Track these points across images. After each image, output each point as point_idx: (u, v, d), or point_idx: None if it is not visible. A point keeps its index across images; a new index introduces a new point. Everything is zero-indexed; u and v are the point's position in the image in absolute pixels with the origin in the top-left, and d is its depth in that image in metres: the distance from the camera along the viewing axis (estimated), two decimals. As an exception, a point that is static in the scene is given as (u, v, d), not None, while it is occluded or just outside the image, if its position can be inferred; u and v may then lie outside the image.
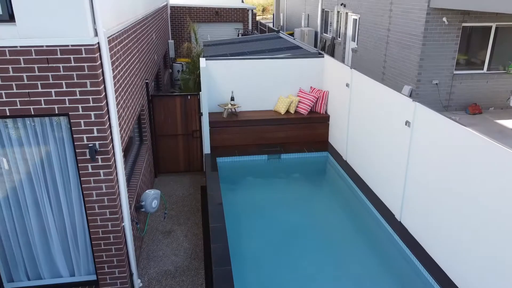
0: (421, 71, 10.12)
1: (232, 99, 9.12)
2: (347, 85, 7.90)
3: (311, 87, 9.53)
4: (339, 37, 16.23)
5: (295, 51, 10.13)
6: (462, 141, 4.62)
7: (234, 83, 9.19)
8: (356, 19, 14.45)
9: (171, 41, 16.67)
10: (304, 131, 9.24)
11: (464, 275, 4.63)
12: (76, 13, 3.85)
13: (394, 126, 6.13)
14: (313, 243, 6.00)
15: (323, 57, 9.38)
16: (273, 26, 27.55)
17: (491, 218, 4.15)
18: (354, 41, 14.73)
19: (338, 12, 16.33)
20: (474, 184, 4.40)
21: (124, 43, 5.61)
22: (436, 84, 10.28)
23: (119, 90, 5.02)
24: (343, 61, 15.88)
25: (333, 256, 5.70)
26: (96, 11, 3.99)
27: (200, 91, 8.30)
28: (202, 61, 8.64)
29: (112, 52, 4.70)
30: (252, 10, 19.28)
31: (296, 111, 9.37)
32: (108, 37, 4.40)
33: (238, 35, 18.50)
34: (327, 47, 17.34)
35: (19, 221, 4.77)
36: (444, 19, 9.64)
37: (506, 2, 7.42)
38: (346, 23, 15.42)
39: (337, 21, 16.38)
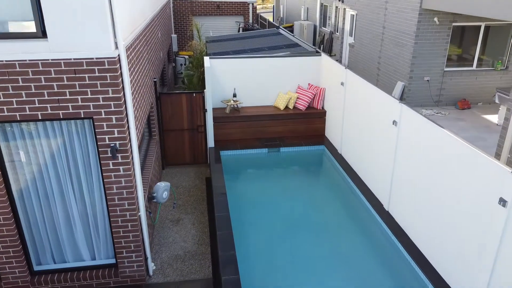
0: (413, 68, 10.62)
1: (235, 95, 9.64)
2: (342, 84, 8.41)
3: (309, 84, 10.02)
4: (337, 32, 16.63)
5: (294, 49, 10.60)
6: (439, 141, 5.16)
7: (236, 80, 9.70)
8: (353, 15, 14.85)
9: (174, 35, 17.07)
10: (302, 125, 9.77)
11: (438, 258, 5.22)
12: (99, 31, 4.37)
13: (383, 125, 6.66)
14: (310, 229, 6.59)
15: (320, 55, 9.87)
16: (273, 19, 27.87)
17: (463, 208, 4.71)
18: (352, 36, 15.16)
19: (336, 7, 16.71)
20: (449, 178, 4.96)
21: (137, 49, 6.12)
22: (428, 80, 10.78)
23: (134, 93, 5.55)
24: (341, 55, 16.32)
25: (327, 241, 6.29)
26: (116, 28, 4.50)
27: (204, 87, 8.80)
28: (207, 60, 9.13)
29: (128, 59, 5.21)
30: (252, 4, 19.64)
31: (294, 107, 9.88)
32: (125, 47, 4.92)
33: (239, 29, 18.89)
34: (325, 41, 17.75)
35: (47, 211, 5.35)
36: (435, 19, 10.10)
37: (490, 8, 7.90)
38: (344, 18, 15.81)
39: (335, 16, 16.77)
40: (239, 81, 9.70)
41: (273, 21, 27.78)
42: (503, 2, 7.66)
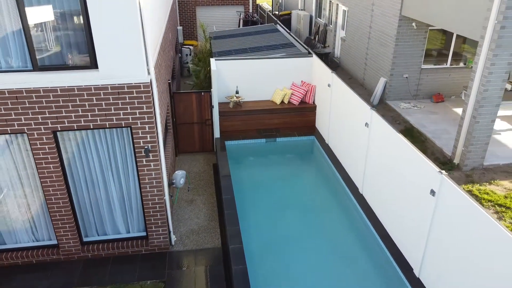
0: (394, 66, 11.90)
1: (237, 92, 10.99)
2: (329, 85, 9.75)
3: (302, 81, 11.35)
4: (331, 24, 17.73)
5: (289, 49, 11.86)
6: (395, 144, 6.56)
7: (239, 79, 11.02)
8: (345, 11, 15.94)
9: (179, 28, 18.14)
10: (296, 118, 11.16)
11: (394, 231, 6.74)
12: (136, 63, 5.72)
13: (358, 125, 8.06)
14: (299, 208, 8.10)
15: (312, 56, 11.15)
16: (272, 8, 28.65)
17: (409, 195, 6.18)
18: (344, 30, 16.30)
19: (330, 0, 17.75)
20: (399, 173, 6.40)
21: (158, 63, 7.45)
22: (406, 77, 12.08)
23: (159, 104, 6.92)
24: (333, 47, 17.48)
25: (312, 217, 7.81)
26: (148, 59, 5.85)
27: (210, 82, 10.09)
28: (213, 63, 10.43)
29: (155, 77, 6.56)
30: (252, -6, 20.60)
31: (289, 102, 11.24)
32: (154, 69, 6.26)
33: (239, 20, 19.94)
34: (320, 32, 18.85)
35: (93, 196, 6.82)
36: (414, 24, 11.31)
37: (450, 23, 9.16)
38: (336, 12, 16.90)
39: (329, 9, 17.83)
40: (241, 79, 11.03)
41: (272, 7, 28.60)
42: (459, 20, 8.90)
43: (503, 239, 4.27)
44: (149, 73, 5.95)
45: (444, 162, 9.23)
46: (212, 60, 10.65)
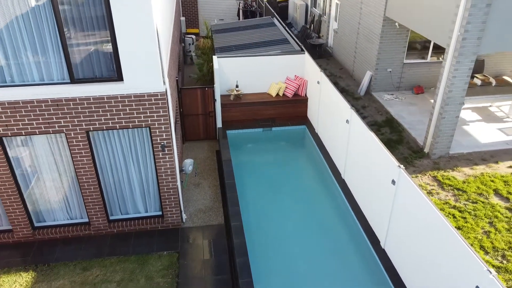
0: (379, 61, 12.98)
1: (237, 86, 12.13)
2: (318, 82, 10.88)
3: (295, 75, 12.46)
4: (325, 15, 18.62)
5: (283, 46, 12.89)
6: (366, 136, 7.79)
7: (238, 74, 12.13)
8: (337, 3, 16.82)
9: (182, 18, 19.02)
10: (289, 109, 12.32)
11: (366, 210, 8.06)
12: (154, 76, 6.88)
13: (341, 120, 9.26)
14: (291, 189, 9.40)
15: (304, 53, 12.22)
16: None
17: (379, 182, 7.46)
18: (336, 22, 17.22)
19: (324, -8, 18.55)
20: (371, 163, 7.66)
21: (169, 67, 8.57)
22: (390, 71, 13.19)
23: (172, 107, 8.10)
24: (327, 38, 18.42)
25: (302, 198, 9.12)
26: (164, 73, 7.01)
27: (212, 75, 11.16)
28: (215, 62, 11.52)
29: (169, 87, 7.72)
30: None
31: (283, 94, 12.38)
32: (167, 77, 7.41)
33: (238, 10, 20.75)
34: (315, 21, 19.73)
35: (117, 182, 8.10)
36: (396, 24, 12.32)
37: (424, 30, 10.22)
38: (330, 4, 17.76)
39: (323, 0, 18.66)
40: (240, 74, 12.14)
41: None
42: (431, 27, 9.94)
43: (437, 217, 5.56)
44: (164, 83, 7.12)
45: (416, 151, 10.49)
46: (214, 58, 11.72)
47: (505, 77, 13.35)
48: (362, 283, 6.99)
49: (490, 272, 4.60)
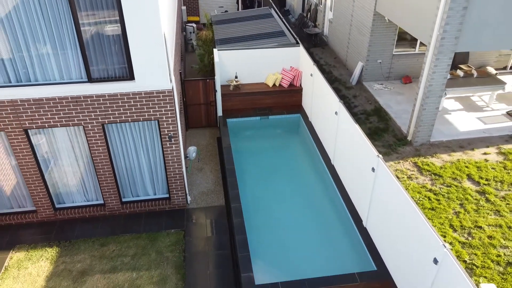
0: (369, 53, 13.68)
1: (236, 77, 12.88)
2: (311, 75, 11.64)
3: (291, 67, 13.18)
4: (321, 5, 19.15)
5: (280, 38, 13.57)
6: (352, 127, 8.62)
7: (237, 65, 12.85)
8: (333, -6, 17.33)
9: (183, 8, 19.52)
10: (285, 99, 13.10)
11: (351, 192, 8.97)
12: (162, 75, 7.67)
13: (331, 112, 10.08)
14: (285, 173, 10.29)
15: (299, 46, 12.92)
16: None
17: (361, 168, 8.33)
18: (331, 12, 17.78)
19: (321, -18, 19.01)
20: (354, 152, 8.52)
21: (174, 62, 9.33)
22: (380, 62, 13.91)
23: (178, 102, 8.90)
24: (323, 27, 19.01)
25: (295, 181, 10.02)
26: (170, 72, 7.79)
27: (212, 66, 11.83)
28: (216, 55, 12.23)
29: (175, 85, 8.50)
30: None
31: (280, 84, 13.14)
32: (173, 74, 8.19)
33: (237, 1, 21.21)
34: (311, 10, 20.25)
35: (128, 167, 8.99)
36: (386, 18, 12.97)
37: (411, 27, 10.90)
38: (326, -6, 18.26)
39: (320, -10, 19.14)
40: (239, 65, 12.86)
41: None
42: (415, 25, 10.62)
43: (405, 200, 6.46)
44: (171, 81, 7.91)
45: (400, 139, 11.34)
46: (215, 51, 12.43)
47: (489, 67, 14.08)
48: (345, 257, 7.97)
49: (445, 246, 5.53)
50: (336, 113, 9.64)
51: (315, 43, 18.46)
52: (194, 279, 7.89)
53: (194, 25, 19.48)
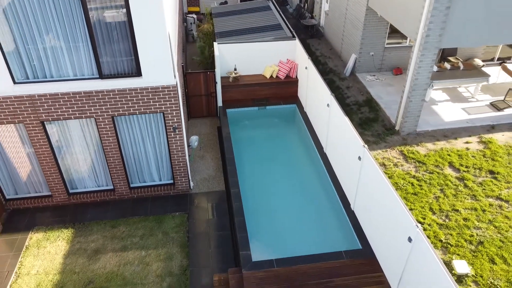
0: (362, 46, 14.24)
1: (235, 69, 13.47)
2: (306, 68, 12.23)
3: (287, 59, 13.76)
4: (318, -4, 19.54)
5: (277, 31, 14.10)
6: (342, 119, 9.29)
7: (236, 58, 13.43)
8: (329, -14, 17.74)
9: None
10: (282, 90, 13.71)
11: (341, 177, 9.70)
12: (167, 72, 8.30)
13: (323, 104, 10.72)
14: (281, 160, 11.00)
15: (295, 39, 13.47)
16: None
17: (350, 157, 9.03)
18: (327, 4, 18.23)
19: (318, -27, 19.37)
20: (344, 142, 9.20)
21: (178, 58, 9.94)
22: (372, 55, 14.48)
23: (181, 96, 9.54)
24: (319, 18, 19.46)
25: (290, 167, 10.74)
26: (175, 69, 8.41)
27: (212, 58, 12.36)
28: (216, 49, 12.80)
29: (179, 81, 9.13)
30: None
31: (277, 76, 13.74)
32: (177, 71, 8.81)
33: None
34: (308, 2, 20.66)
35: (136, 155, 9.69)
36: (378, 13, 13.50)
37: (400, 24, 11.46)
38: (322, -14, 18.66)
39: (317, -18, 19.51)
40: (238, 58, 13.44)
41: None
42: (403, 22, 11.17)
43: (386, 186, 7.17)
44: (175, 77, 8.55)
45: (389, 128, 12.02)
46: (215, 44, 12.99)
47: (476, 59, 14.66)
48: (334, 236, 8.74)
49: (417, 226, 6.27)
50: (328, 105, 10.29)
51: (311, 34, 18.96)
52: (197, 257, 8.68)
53: (195, 15, 19.93)
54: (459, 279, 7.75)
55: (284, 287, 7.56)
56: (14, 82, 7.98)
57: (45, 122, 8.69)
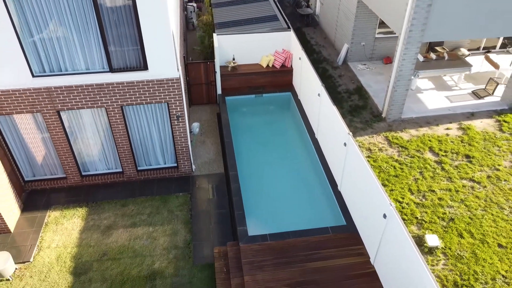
0: (354, 36, 14.89)
1: (234, 58, 14.16)
2: (300, 58, 12.94)
3: (283, 49, 14.43)
4: (314, -15, 20.00)
5: (274, 23, 14.73)
6: (331, 108, 10.08)
7: (235, 48, 14.10)
8: (324, -24, 18.22)
9: (185, -13, 20.35)
10: (277, 78, 14.43)
11: (330, 162, 10.56)
12: (171, 65, 9.05)
13: (315, 93, 11.49)
14: (276, 144, 11.83)
15: (290, 30, 14.12)
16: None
17: (337, 143, 9.87)
18: (323, -6, 18.72)
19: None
20: (333, 128, 10.02)
21: (180, 49, 10.65)
22: (363, 45, 15.14)
23: (184, 88, 10.30)
24: (315, 7, 19.98)
25: (284, 151, 11.60)
26: (178, 62, 9.16)
27: (212, 48, 13.00)
28: (215, 40, 13.46)
29: (182, 73, 9.86)
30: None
31: (273, 65, 14.44)
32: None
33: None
34: (305, -9, 21.08)
35: (143, 141, 10.51)
36: (368, 6, 14.10)
37: (388, 18, 12.11)
38: (318, -24, 19.12)
39: (313, -29, 19.95)
40: (236, 48, 14.12)
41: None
42: (390, 16, 11.83)
43: (365, 168, 8.03)
44: (178, 70, 9.31)
45: (376, 115, 12.82)
46: (214, 35, 13.65)
47: (462, 49, 15.34)
48: (322, 214, 9.67)
49: (391, 205, 7.17)
50: (319, 94, 11.06)
51: (307, 23, 19.52)
52: (199, 232, 9.62)
53: (195, 4, 20.41)
54: (430, 251, 8.71)
55: (277, 258, 8.52)
56: (33, 76, 8.74)
57: (60, 112, 9.48)
